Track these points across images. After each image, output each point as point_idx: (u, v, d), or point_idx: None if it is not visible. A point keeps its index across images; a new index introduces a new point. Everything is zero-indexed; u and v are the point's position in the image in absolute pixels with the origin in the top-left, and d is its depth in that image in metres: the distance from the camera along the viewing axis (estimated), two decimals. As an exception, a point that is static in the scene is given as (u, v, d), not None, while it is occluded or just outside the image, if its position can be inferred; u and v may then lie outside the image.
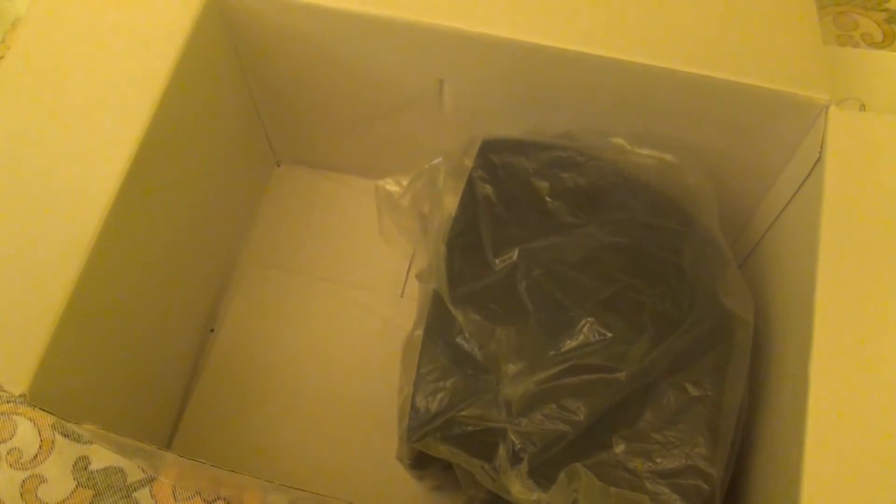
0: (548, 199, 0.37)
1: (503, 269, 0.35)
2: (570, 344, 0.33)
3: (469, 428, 0.33)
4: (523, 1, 0.37)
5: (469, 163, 0.39)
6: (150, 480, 0.43)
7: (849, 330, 0.30)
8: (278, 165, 0.52)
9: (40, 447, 0.43)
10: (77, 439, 0.44)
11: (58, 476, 0.43)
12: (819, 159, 0.34)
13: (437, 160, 0.40)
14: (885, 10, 0.56)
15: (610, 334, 0.33)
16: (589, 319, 0.33)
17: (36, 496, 0.42)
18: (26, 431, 0.44)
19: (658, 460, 0.32)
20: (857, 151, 0.33)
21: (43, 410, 0.30)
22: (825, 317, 0.30)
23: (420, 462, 0.36)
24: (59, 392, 0.31)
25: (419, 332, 0.36)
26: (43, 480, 0.43)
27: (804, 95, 0.34)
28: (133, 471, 0.43)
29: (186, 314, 0.44)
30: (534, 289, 0.34)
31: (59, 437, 0.44)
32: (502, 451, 0.32)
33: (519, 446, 0.32)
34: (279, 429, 0.44)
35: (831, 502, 0.28)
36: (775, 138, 0.37)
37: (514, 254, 0.35)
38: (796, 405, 0.30)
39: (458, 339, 0.35)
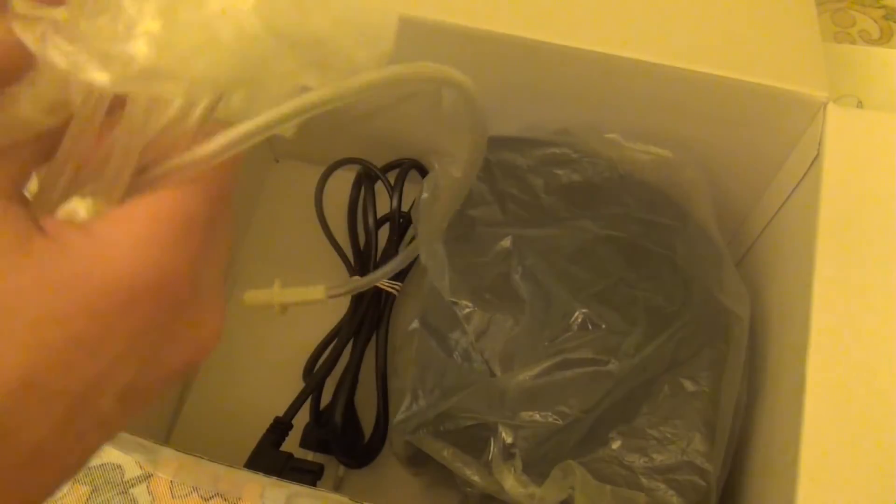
0: (542, 195, 0.37)
1: (497, 257, 0.35)
2: (564, 335, 0.33)
3: (462, 422, 0.33)
4: (521, -3, 0.37)
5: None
6: (147, 477, 0.43)
7: (846, 326, 0.30)
8: (276, 161, 0.52)
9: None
10: (74, 435, 0.44)
11: (55, 472, 0.43)
12: (817, 156, 0.34)
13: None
14: (883, 6, 0.56)
15: (603, 326, 0.33)
16: (582, 311, 0.33)
17: (33, 492, 0.42)
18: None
19: (654, 456, 0.32)
20: (855, 148, 0.33)
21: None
22: (822, 313, 0.30)
23: (415, 459, 0.36)
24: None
25: (415, 327, 0.36)
26: (40, 477, 0.42)
27: (803, 92, 0.34)
28: (131, 467, 0.43)
29: (184, 309, 0.44)
30: (528, 277, 0.34)
31: (56, 433, 0.44)
32: (494, 446, 0.32)
33: (511, 441, 0.32)
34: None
35: (828, 499, 0.28)
36: (773, 135, 0.37)
37: (508, 241, 0.35)
38: (793, 401, 0.30)
39: (454, 333, 0.35)
